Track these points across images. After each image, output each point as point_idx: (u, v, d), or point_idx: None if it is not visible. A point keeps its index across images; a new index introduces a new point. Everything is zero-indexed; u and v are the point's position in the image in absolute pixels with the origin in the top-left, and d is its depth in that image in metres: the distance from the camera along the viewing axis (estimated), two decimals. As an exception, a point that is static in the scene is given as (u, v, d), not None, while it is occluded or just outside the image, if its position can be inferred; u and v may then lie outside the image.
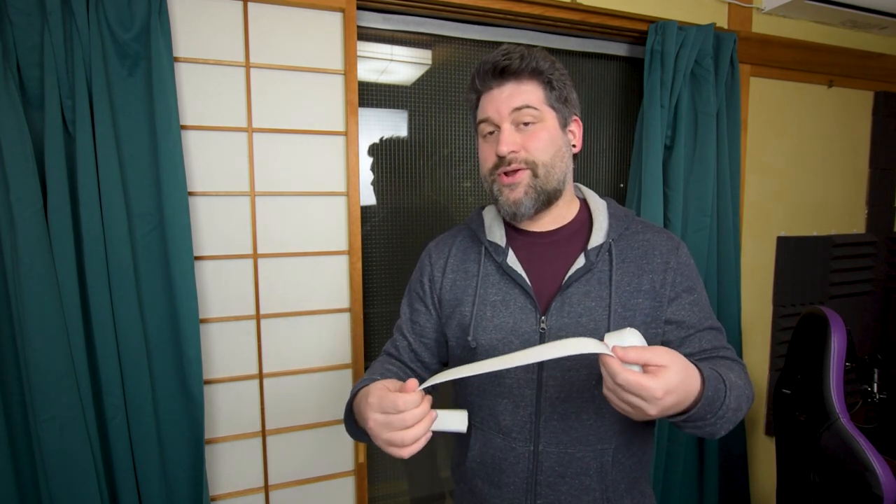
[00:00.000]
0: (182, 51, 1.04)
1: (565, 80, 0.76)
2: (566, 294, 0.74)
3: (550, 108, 0.74)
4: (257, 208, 1.12)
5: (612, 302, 0.72)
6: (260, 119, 1.11)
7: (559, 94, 0.74)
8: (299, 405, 1.21)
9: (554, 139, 0.74)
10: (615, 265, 0.74)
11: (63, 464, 0.95)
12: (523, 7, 1.26)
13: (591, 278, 0.74)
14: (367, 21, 1.23)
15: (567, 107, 0.76)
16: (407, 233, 1.38)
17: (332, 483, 1.26)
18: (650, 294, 0.73)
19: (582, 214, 0.80)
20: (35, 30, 0.90)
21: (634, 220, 0.79)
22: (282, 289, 1.16)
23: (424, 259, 0.87)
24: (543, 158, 0.73)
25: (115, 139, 0.96)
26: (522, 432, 0.74)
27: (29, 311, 0.91)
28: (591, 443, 0.73)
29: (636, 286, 0.73)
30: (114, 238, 0.96)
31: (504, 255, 0.77)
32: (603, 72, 1.52)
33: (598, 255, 0.74)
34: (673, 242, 0.77)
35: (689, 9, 1.43)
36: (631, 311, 0.73)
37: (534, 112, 0.72)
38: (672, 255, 0.75)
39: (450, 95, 1.37)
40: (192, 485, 1.10)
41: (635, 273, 0.74)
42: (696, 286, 0.76)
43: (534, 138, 0.73)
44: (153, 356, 1.04)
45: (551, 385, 0.73)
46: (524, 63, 0.72)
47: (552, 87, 0.74)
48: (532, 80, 0.73)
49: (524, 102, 0.72)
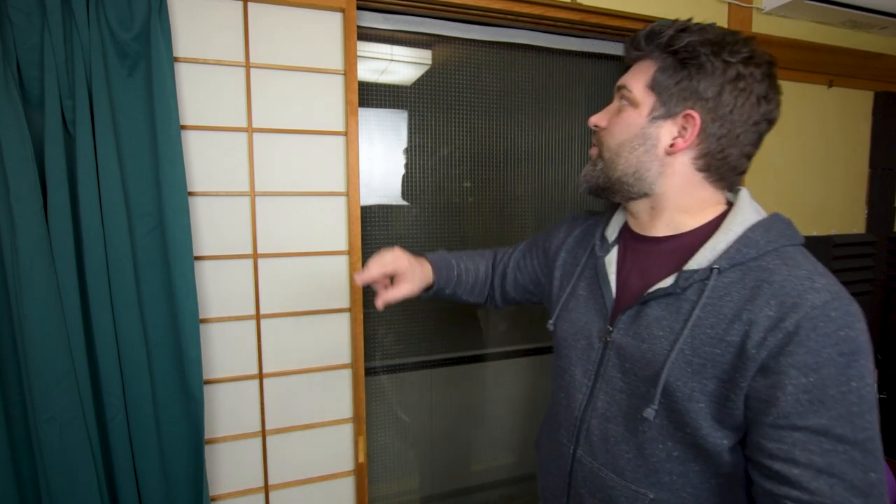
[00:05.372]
0: (182, 51, 1.04)
1: (697, 66, 0.62)
2: (641, 311, 0.65)
3: (651, 94, 0.65)
4: (257, 208, 1.12)
5: (680, 341, 0.59)
6: (260, 119, 1.11)
7: (676, 81, 0.63)
8: (299, 405, 1.21)
9: (629, 128, 0.66)
10: (705, 299, 0.59)
11: (63, 464, 0.95)
12: (523, 7, 1.26)
13: (671, 304, 0.62)
14: (367, 21, 1.23)
15: (678, 98, 0.63)
16: (406, 233, 1.38)
17: (332, 483, 1.26)
18: (735, 349, 0.56)
19: (713, 226, 0.65)
20: (35, 30, 0.90)
21: (782, 253, 0.59)
22: (282, 289, 1.16)
23: (561, 224, 0.90)
24: (609, 144, 0.69)
25: (115, 139, 0.96)
26: (569, 430, 0.73)
27: (29, 312, 0.90)
28: (625, 478, 0.65)
29: (720, 334, 0.57)
30: (114, 238, 0.96)
31: (605, 252, 0.74)
32: (603, 72, 1.52)
33: (689, 280, 0.61)
34: (809, 298, 0.53)
35: (689, 9, 1.42)
36: (701, 360, 0.58)
37: (627, 94, 0.67)
38: (795, 312, 0.53)
39: (450, 95, 1.37)
40: (192, 485, 1.10)
41: (727, 317, 0.57)
42: (822, 368, 0.52)
43: (612, 121, 0.69)
44: (153, 356, 1.04)
45: (601, 398, 0.69)
46: (650, 40, 0.65)
47: (671, 70, 0.63)
48: (651, 59, 0.66)
49: (624, 83, 0.68)
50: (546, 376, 1.62)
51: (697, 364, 0.58)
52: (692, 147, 0.64)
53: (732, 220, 0.63)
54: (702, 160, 0.65)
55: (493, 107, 1.42)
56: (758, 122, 0.63)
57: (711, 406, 0.58)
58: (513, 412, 1.61)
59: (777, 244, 0.60)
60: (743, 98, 0.61)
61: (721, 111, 0.62)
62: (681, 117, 0.64)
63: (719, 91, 0.61)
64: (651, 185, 0.67)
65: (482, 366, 1.54)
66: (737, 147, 0.64)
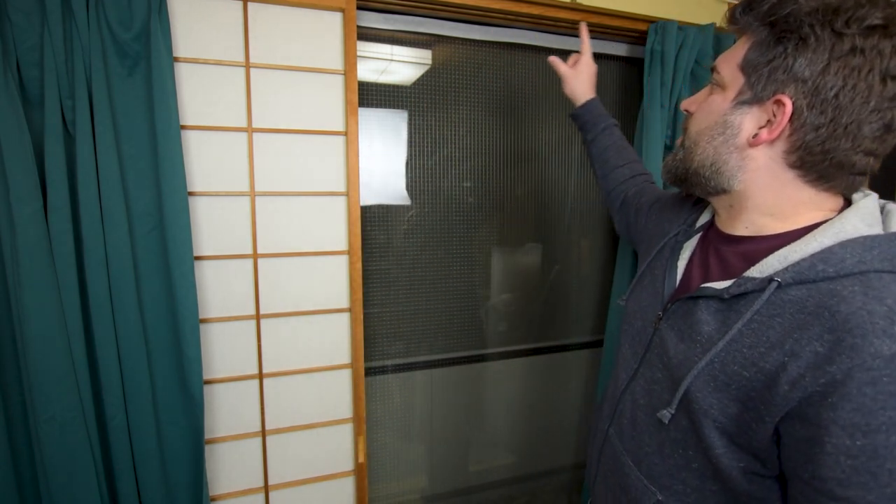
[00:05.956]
0: (182, 51, 1.04)
1: (798, 39, 0.50)
2: (689, 309, 0.60)
3: (741, 76, 0.56)
4: (257, 208, 1.12)
5: (712, 352, 0.54)
6: (260, 119, 1.11)
7: (769, 59, 0.53)
8: (299, 405, 1.21)
9: (710, 114, 0.59)
10: (752, 314, 0.51)
11: (63, 464, 0.95)
12: (523, 7, 1.26)
13: (718, 309, 0.56)
14: (367, 21, 1.23)
15: (769, 80, 0.53)
16: (406, 233, 1.38)
17: (332, 483, 1.26)
18: (765, 378, 0.49)
19: (801, 234, 0.55)
20: (35, 30, 0.89)
21: (869, 279, 0.47)
22: (282, 289, 1.16)
23: (678, 192, 0.83)
24: (692, 129, 0.63)
25: (115, 139, 0.96)
26: (610, 406, 0.73)
27: (29, 312, 0.90)
28: (641, 469, 0.63)
29: (755, 358, 0.50)
30: (114, 238, 0.96)
31: (686, 237, 0.70)
32: (603, 72, 1.52)
33: (741, 287, 0.54)
34: (875, 344, 0.43)
35: (689, 9, 1.42)
36: (726, 378, 0.52)
37: (717, 77, 0.59)
38: (850, 357, 0.43)
39: (450, 95, 1.37)
40: (192, 485, 1.10)
41: (769, 341, 0.50)
42: (877, 433, 0.42)
43: (700, 106, 0.62)
44: (153, 356, 1.04)
45: (640, 383, 0.66)
46: (748, 9, 0.55)
47: (765, 46, 0.53)
48: (748, 33, 0.56)
49: (717, 64, 0.60)
50: (546, 376, 1.62)
51: (722, 381, 0.53)
52: (782, 139, 0.54)
53: (827, 229, 0.52)
54: (794, 154, 0.54)
55: (493, 107, 1.42)
56: (881, 110, 0.50)
57: (729, 427, 0.53)
58: (513, 412, 1.61)
59: (870, 266, 0.47)
60: (856, 78, 0.49)
61: (823, 95, 0.50)
62: (770, 103, 0.54)
63: (822, 70, 0.50)
64: (729, 180, 0.59)
65: (482, 366, 1.54)
66: (846, 139, 0.51)
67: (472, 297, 1.48)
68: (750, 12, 0.55)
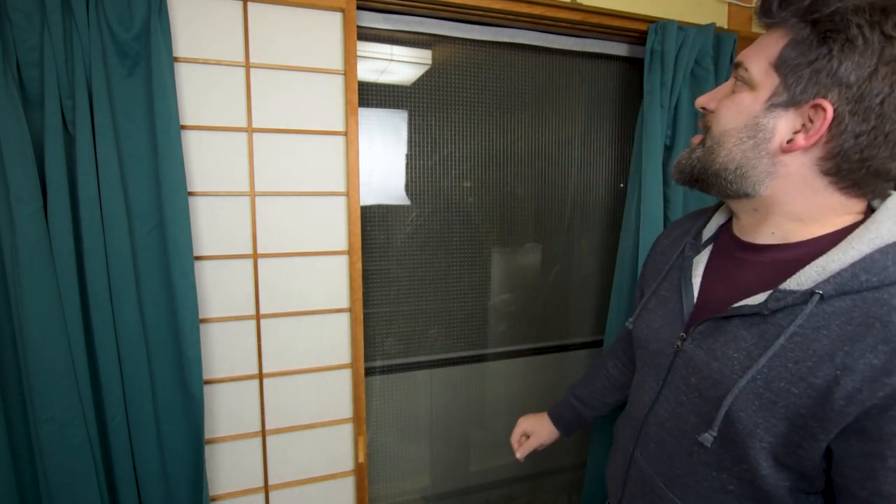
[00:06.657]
0: (182, 51, 1.04)
1: (844, 40, 0.47)
2: (720, 326, 0.57)
3: (775, 75, 0.52)
4: (257, 208, 1.12)
5: (754, 368, 0.51)
6: (260, 119, 1.11)
7: (811, 60, 0.49)
8: (299, 405, 1.21)
9: (739, 115, 0.55)
10: (795, 328, 0.49)
11: (63, 464, 0.95)
12: (523, 7, 1.26)
13: (755, 325, 0.53)
14: (367, 21, 1.23)
15: (809, 82, 0.49)
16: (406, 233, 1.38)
17: (332, 483, 1.26)
18: (816, 394, 0.47)
19: (833, 239, 0.53)
20: (35, 30, 0.89)
21: None
22: (282, 289, 1.16)
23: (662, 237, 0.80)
24: (714, 130, 0.58)
25: (115, 139, 0.96)
26: (633, 428, 0.70)
27: (29, 312, 0.90)
28: (674, 492, 0.61)
29: (803, 372, 0.48)
30: (114, 238, 0.96)
31: (695, 252, 0.66)
32: (603, 72, 1.52)
33: (781, 301, 0.51)
34: None
35: (689, 9, 1.42)
36: (772, 396, 0.50)
37: (744, 74, 0.55)
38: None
39: (450, 95, 1.37)
40: (192, 485, 1.10)
41: (817, 354, 0.48)
42: None
43: (723, 103, 0.57)
44: (153, 356, 1.04)
45: (664, 406, 0.64)
46: (787, 3, 0.51)
47: (806, 45, 0.49)
48: (783, 28, 0.52)
49: (743, 59, 0.55)
50: (546, 376, 1.62)
51: (768, 399, 0.50)
52: (819, 145, 0.51)
53: (861, 234, 0.49)
54: (830, 162, 0.51)
55: (492, 107, 1.42)
56: None
57: (776, 447, 0.50)
58: (513, 412, 1.61)
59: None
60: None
61: (867, 102, 0.47)
62: (808, 107, 0.50)
63: (870, 75, 0.46)
64: (755, 185, 0.55)
65: (482, 366, 1.54)
66: (886, 147, 0.49)
67: (472, 296, 1.48)
68: (788, 7, 0.50)
